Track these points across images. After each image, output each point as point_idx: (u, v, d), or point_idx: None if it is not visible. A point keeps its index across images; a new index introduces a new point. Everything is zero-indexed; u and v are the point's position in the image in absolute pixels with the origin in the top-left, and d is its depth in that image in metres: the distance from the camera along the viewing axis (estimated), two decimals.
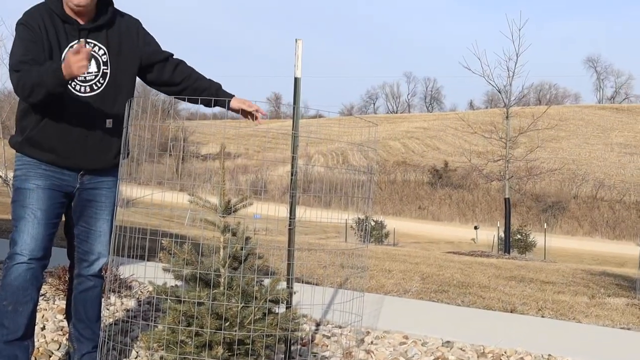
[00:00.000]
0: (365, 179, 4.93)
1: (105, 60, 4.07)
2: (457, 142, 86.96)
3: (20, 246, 3.94)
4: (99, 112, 4.04)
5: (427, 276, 10.21)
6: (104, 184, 4.20)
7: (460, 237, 51.32)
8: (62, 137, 3.99)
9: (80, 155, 4.04)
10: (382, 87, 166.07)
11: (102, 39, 4.07)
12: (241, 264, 3.80)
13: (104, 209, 4.22)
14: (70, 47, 3.95)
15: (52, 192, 4.03)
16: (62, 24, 3.97)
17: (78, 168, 4.08)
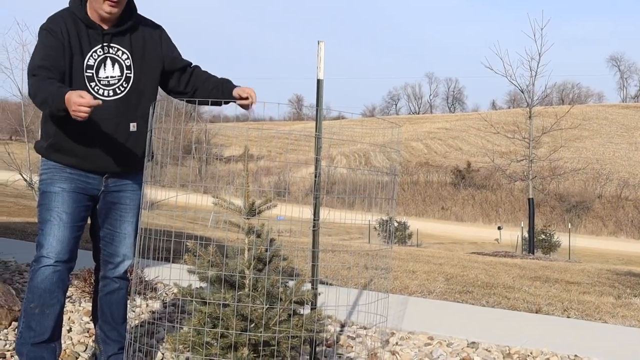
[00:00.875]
0: (388, 180, 4.92)
1: (129, 65, 4.10)
2: (479, 143, 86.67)
3: (47, 249, 3.98)
4: (122, 116, 4.06)
5: (451, 277, 10.17)
6: (128, 187, 4.23)
7: (483, 237, 51.08)
8: (86, 141, 4.01)
9: (104, 158, 4.07)
10: (404, 88, 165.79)
11: (125, 43, 4.10)
12: (266, 265, 3.81)
13: (129, 212, 4.25)
14: (94, 52, 4.00)
15: (77, 195, 4.06)
16: (86, 29, 4.01)
17: (103, 171, 4.11)
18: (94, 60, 4.01)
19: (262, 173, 56.85)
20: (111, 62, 4.05)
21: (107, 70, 4.03)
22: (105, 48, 4.03)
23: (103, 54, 4.03)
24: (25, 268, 7.62)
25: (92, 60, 4.00)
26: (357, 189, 4.87)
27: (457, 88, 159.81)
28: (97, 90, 4.00)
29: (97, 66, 4.01)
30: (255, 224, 3.87)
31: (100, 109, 3.94)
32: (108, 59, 4.04)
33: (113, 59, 4.05)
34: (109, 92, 4.04)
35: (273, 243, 3.90)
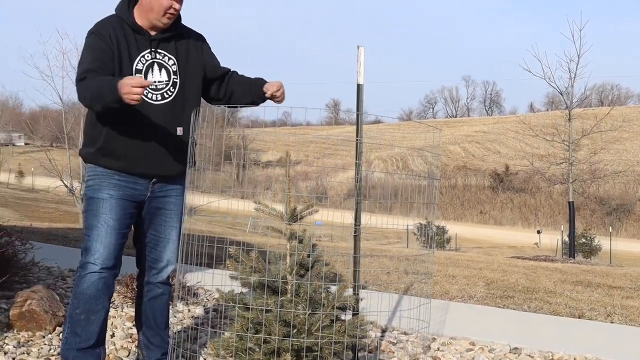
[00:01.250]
0: (426, 184, 4.90)
1: (175, 70, 4.17)
2: (518, 146, 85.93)
3: (93, 255, 4.02)
4: (170, 120, 4.12)
5: (492, 282, 10.08)
6: (173, 192, 4.27)
7: (523, 241, 50.66)
8: (135, 145, 4.06)
9: (153, 162, 4.11)
10: (441, 91, 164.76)
11: (171, 49, 4.18)
12: (308, 271, 3.81)
13: (173, 217, 4.29)
14: (142, 57, 4.07)
15: (125, 202, 4.10)
16: (134, 34, 4.08)
17: (150, 175, 4.15)
18: (143, 65, 4.08)
19: (300, 178, 57.03)
20: (159, 67, 4.12)
21: (155, 75, 4.10)
22: (153, 53, 4.11)
23: (151, 59, 4.10)
24: (69, 274, 7.71)
25: (140, 65, 4.07)
26: (395, 194, 4.85)
27: (494, 91, 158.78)
28: (147, 94, 4.04)
29: (146, 71, 4.08)
30: (297, 229, 3.87)
31: (149, 114, 4.00)
32: (156, 64, 4.11)
33: (160, 65, 4.12)
34: (157, 97, 4.09)
35: (315, 249, 3.91)
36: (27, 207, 41.69)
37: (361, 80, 4.24)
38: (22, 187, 63.77)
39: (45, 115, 45.43)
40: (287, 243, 3.84)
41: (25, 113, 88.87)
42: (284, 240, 3.94)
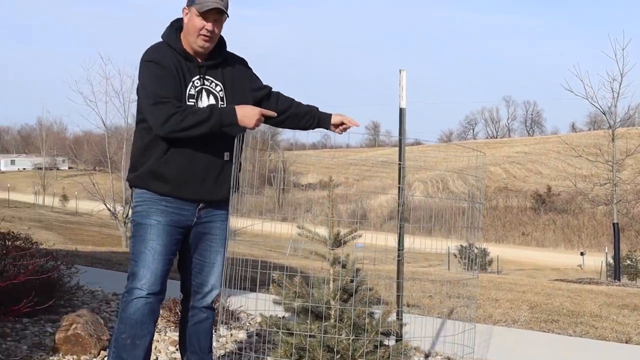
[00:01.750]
0: (466, 205, 4.87)
1: (222, 96, 4.23)
2: (560, 166, 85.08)
3: (140, 281, 4.06)
4: (218, 145, 4.16)
5: (535, 305, 9.96)
6: (218, 217, 4.31)
7: (565, 263, 49.99)
8: (183, 169, 4.11)
9: (200, 186, 4.15)
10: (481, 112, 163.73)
11: (218, 75, 4.25)
12: (351, 296, 3.80)
13: (218, 242, 4.32)
14: (192, 83, 4.13)
15: (172, 228, 4.14)
16: (184, 61, 4.16)
17: (198, 200, 4.19)
18: (194, 90, 4.15)
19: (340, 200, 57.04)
20: (206, 93, 4.18)
21: (204, 101, 4.15)
22: (202, 80, 4.18)
23: (200, 85, 4.17)
24: (112, 297, 7.78)
25: (192, 90, 4.14)
26: (436, 215, 4.83)
27: (535, 111, 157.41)
28: None
29: (196, 97, 4.15)
30: (340, 254, 3.87)
31: (198, 139, 4.04)
32: (204, 90, 4.17)
33: (208, 91, 4.19)
34: None
35: (358, 273, 3.90)
36: (71, 230, 42.27)
37: (403, 104, 4.24)
38: (65, 210, 64.67)
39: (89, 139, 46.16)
40: (330, 268, 3.84)
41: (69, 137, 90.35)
42: (326, 263, 3.94)
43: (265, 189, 5.77)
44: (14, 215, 45.41)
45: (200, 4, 4.06)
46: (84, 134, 58.50)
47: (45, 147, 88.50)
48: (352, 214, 38.27)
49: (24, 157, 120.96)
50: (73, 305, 6.99)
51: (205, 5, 4.04)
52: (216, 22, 4.12)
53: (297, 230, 4.00)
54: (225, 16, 4.17)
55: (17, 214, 48.64)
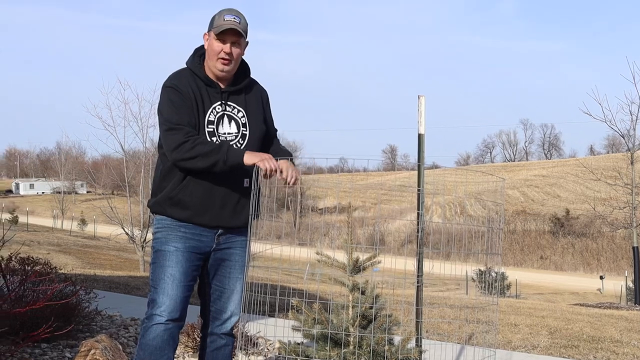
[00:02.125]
0: (484, 229, 4.85)
1: (244, 122, 4.27)
2: (578, 189, 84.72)
3: (160, 307, 4.08)
4: (238, 172, 4.17)
5: (555, 330, 9.87)
6: (237, 243, 4.32)
7: (585, 287, 49.60)
8: (204, 196, 4.14)
9: (220, 212, 4.18)
10: (499, 135, 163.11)
11: (240, 102, 4.30)
12: (370, 322, 3.79)
13: (237, 268, 4.33)
14: (213, 110, 4.17)
15: (191, 254, 4.16)
16: (205, 86, 4.21)
17: (217, 226, 4.20)
18: (214, 116, 4.18)
19: (358, 224, 56.94)
20: (228, 119, 4.22)
21: (225, 127, 4.20)
22: (223, 105, 4.22)
23: (221, 110, 4.21)
24: (130, 322, 7.79)
25: (212, 116, 4.18)
26: (454, 239, 4.80)
27: (553, 134, 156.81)
28: None
29: (217, 122, 4.18)
30: (359, 280, 3.86)
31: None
32: (225, 116, 4.21)
33: (230, 117, 4.22)
34: None
35: (377, 299, 3.88)
36: (89, 254, 42.36)
37: (422, 129, 4.24)
38: (84, 234, 64.90)
39: (107, 163, 46.42)
40: (350, 294, 3.83)
41: (87, 161, 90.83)
42: (345, 288, 3.93)
43: (283, 213, 5.77)
44: (32, 239, 45.67)
45: (217, 26, 4.14)
46: (102, 158, 58.86)
47: (64, 171, 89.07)
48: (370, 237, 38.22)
49: (43, 181, 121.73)
50: (92, 331, 7.01)
51: (221, 26, 4.12)
52: (235, 45, 4.18)
53: (315, 256, 4.00)
54: (243, 39, 4.22)
55: (35, 237, 48.90)
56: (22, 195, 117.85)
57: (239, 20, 4.17)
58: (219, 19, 4.17)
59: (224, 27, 4.12)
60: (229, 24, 4.12)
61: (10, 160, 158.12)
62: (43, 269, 6.58)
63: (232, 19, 4.14)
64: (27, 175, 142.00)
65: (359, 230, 37.51)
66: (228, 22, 4.12)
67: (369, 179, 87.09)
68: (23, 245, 9.51)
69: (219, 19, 4.16)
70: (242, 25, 4.17)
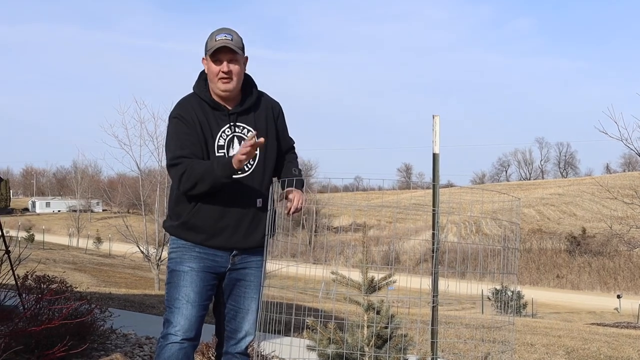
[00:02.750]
0: (500, 248, 4.82)
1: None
2: (594, 208, 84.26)
3: (175, 327, 4.08)
4: (250, 192, 4.19)
5: (572, 350, 9.80)
6: (252, 264, 4.31)
7: (602, 306, 49.21)
8: (217, 219, 4.14)
9: (233, 235, 4.17)
10: (514, 153, 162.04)
11: (250, 121, 4.27)
12: (386, 342, 3.77)
13: (252, 288, 4.32)
14: (222, 134, 4.17)
15: (205, 274, 4.16)
16: (212, 111, 4.19)
17: (231, 248, 4.20)
18: (224, 140, 4.18)
19: (373, 243, 56.82)
20: (238, 140, 4.20)
21: (235, 149, 4.17)
22: (232, 127, 4.21)
23: (231, 133, 4.20)
24: (145, 341, 7.78)
25: (222, 140, 4.17)
26: (469, 258, 4.78)
27: (569, 152, 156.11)
28: None
29: (227, 145, 4.18)
30: (374, 300, 3.85)
31: (229, 188, 4.07)
32: (235, 137, 4.20)
33: (240, 138, 4.20)
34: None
35: (393, 319, 3.87)
36: (104, 272, 42.48)
37: (436, 149, 4.24)
38: (99, 252, 65.10)
39: (123, 182, 46.60)
40: (365, 314, 3.82)
41: (103, 180, 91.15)
42: (360, 308, 3.91)
43: (298, 232, 5.77)
44: (48, 257, 45.84)
45: (210, 48, 4.14)
46: (118, 177, 59.10)
47: (80, 190, 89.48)
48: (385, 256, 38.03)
49: (59, 200, 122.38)
50: (106, 349, 7.01)
51: (214, 47, 4.12)
52: (232, 62, 4.16)
53: (329, 275, 3.99)
54: (240, 55, 4.19)
55: (51, 255, 49.09)
56: (39, 214, 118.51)
57: (231, 37, 4.15)
58: (210, 41, 4.17)
59: (216, 47, 4.11)
60: (221, 42, 4.11)
61: (27, 179, 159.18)
62: (59, 287, 6.61)
63: (223, 37, 4.14)
64: (44, 194, 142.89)
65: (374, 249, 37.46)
66: (220, 41, 4.12)
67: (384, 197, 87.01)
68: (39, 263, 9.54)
69: (211, 41, 4.16)
70: (234, 42, 4.16)
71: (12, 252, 7.73)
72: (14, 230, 58.26)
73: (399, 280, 4.44)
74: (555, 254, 73.13)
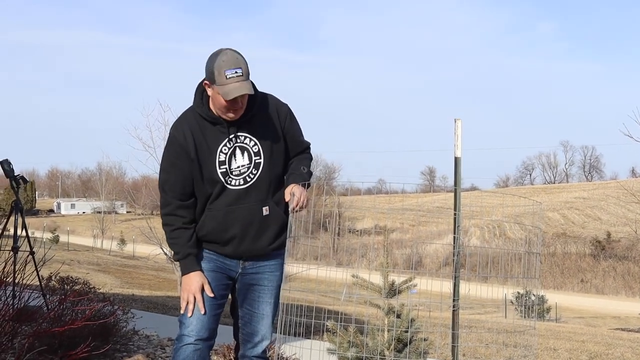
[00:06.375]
0: (523, 251, 4.80)
1: (257, 151, 4.11)
2: (619, 212, 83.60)
3: (188, 327, 4.08)
4: (255, 203, 4.12)
5: (596, 355, 9.72)
6: (266, 268, 4.27)
7: (627, 311, 48.78)
8: (221, 231, 4.12)
9: (240, 244, 4.14)
10: (539, 157, 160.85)
11: (251, 130, 4.10)
12: (406, 346, 3.76)
13: (267, 292, 4.28)
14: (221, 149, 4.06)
15: (217, 274, 4.15)
16: (212, 125, 4.05)
17: (239, 257, 4.19)
18: (225, 155, 4.06)
19: (395, 246, 56.74)
20: (240, 151, 4.08)
21: (238, 160, 4.07)
22: (233, 139, 4.06)
23: (232, 145, 4.07)
24: (167, 342, 7.82)
25: (222, 156, 4.06)
26: (492, 262, 4.76)
27: (594, 156, 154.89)
28: (230, 182, 4.09)
29: (229, 159, 4.06)
30: (394, 304, 3.84)
31: (232, 200, 4.07)
32: (237, 148, 4.08)
33: (242, 148, 4.08)
34: (239, 182, 4.09)
35: (413, 323, 3.86)
36: (128, 274, 42.74)
37: (458, 153, 4.22)
38: (123, 254, 65.52)
39: (147, 183, 46.83)
40: (385, 317, 3.81)
41: (127, 182, 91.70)
42: (380, 311, 3.91)
43: (320, 234, 5.77)
44: (72, 258, 46.21)
45: (223, 91, 3.83)
46: (142, 179, 59.41)
47: (104, 192, 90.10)
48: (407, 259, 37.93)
49: (83, 201, 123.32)
50: (129, 350, 7.05)
51: (229, 94, 3.81)
52: (243, 96, 3.89)
53: (351, 278, 3.99)
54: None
55: (75, 257, 49.47)
56: (64, 215, 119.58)
57: (242, 72, 3.84)
58: (219, 76, 3.82)
59: (231, 95, 3.80)
60: (236, 87, 3.80)
61: (53, 181, 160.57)
62: (82, 288, 6.66)
63: (234, 74, 3.82)
64: (69, 195, 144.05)
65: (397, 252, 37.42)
66: (232, 80, 3.80)
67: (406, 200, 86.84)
68: (63, 264, 9.64)
69: (220, 77, 3.82)
70: (245, 76, 3.85)
71: (36, 253, 7.80)
72: (39, 232, 58.80)
73: (421, 284, 4.43)
74: (579, 258, 72.63)
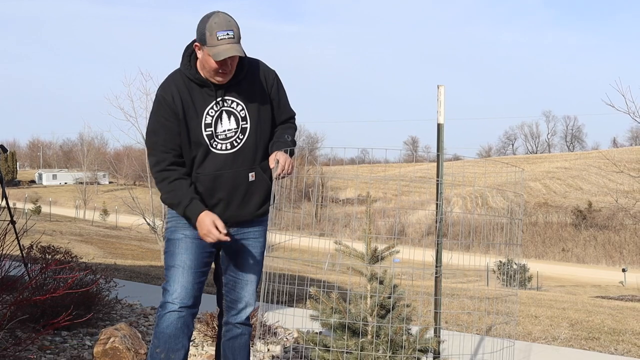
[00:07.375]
0: (506, 221, 4.82)
1: (244, 116, 4.12)
2: (601, 182, 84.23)
3: (171, 295, 4.07)
4: (241, 167, 4.11)
5: (576, 322, 9.81)
6: (250, 234, 4.27)
7: (607, 280, 49.34)
8: (208, 196, 4.10)
9: (226, 209, 4.13)
10: (521, 127, 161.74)
11: (238, 94, 4.10)
12: (389, 312, 3.77)
13: (251, 259, 4.28)
14: (208, 111, 4.06)
15: (200, 241, 4.11)
16: (199, 87, 4.05)
17: (225, 221, 4.15)
18: (211, 118, 4.05)
19: (378, 216, 56.81)
20: (227, 114, 4.08)
21: (224, 124, 4.07)
22: (220, 102, 4.06)
23: (219, 108, 4.06)
24: (150, 311, 7.82)
25: (209, 118, 4.05)
26: (474, 231, 4.77)
27: (575, 126, 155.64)
28: (216, 145, 4.07)
29: (215, 122, 4.05)
30: (377, 270, 3.84)
31: (219, 164, 4.05)
32: (224, 112, 4.07)
33: (229, 112, 4.08)
34: (226, 146, 4.09)
35: (396, 289, 3.87)
36: (111, 244, 42.68)
37: (441, 119, 4.21)
38: (105, 224, 65.37)
39: (129, 154, 46.69)
40: (368, 284, 3.82)
41: (109, 152, 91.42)
42: (363, 278, 3.91)
43: (303, 204, 5.76)
44: (55, 229, 46.08)
45: (214, 52, 3.84)
46: (124, 149, 59.25)
47: (86, 162, 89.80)
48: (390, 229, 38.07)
49: (65, 172, 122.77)
50: (111, 319, 7.05)
51: (219, 54, 3.81)
52: (232, 58, 3.92)
53: (334, 246, 3.99)
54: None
55: (58, 227, 49.32)
56: (45, 186, 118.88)
57: (233, 34, 3.84)
58: (210, 37, 3.82)
59: (222, 56, 3.81)
60: (227, 49, 3.81)
61: (34, 151, 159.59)
62: (63, 257, 6.63)
63: (226, 36, 3.82)
64: (50, 166, 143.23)
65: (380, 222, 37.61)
66: (223, 42, 3.80)
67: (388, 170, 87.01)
68: (45, 234, 9.64)
69: (211, 38, 3.82)
70: (237, 39, 3.86)
71: (17, 223, 7.75)
72: (21, 203, 58.53)
73: (403, 253, 4.43)
74: (561, 227, 73.27)
